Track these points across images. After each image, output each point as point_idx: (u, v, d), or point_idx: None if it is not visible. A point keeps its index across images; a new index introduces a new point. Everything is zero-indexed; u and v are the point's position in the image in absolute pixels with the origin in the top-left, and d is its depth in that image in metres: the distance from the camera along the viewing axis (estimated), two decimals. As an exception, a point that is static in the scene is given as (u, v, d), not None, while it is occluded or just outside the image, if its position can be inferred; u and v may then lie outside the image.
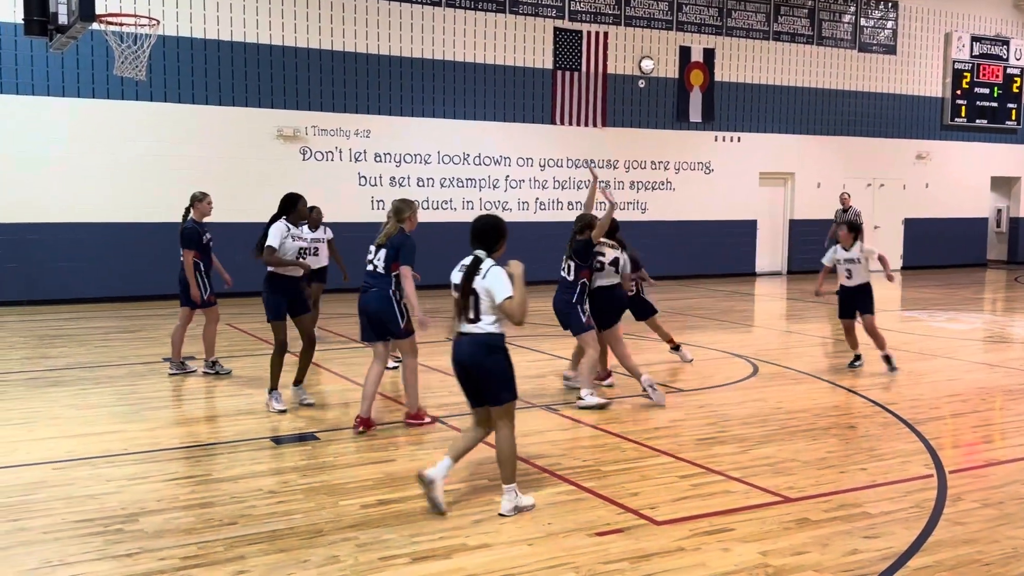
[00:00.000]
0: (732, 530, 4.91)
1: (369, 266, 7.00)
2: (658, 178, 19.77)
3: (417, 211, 7.21)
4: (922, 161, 23.16)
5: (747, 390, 8.74)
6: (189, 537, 4.78)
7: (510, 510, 5.12)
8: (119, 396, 8.16)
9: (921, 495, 5.53)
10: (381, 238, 7.00)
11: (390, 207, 7.11)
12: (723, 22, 20.26)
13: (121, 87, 14.78)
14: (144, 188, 15.09)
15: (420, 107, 17.33)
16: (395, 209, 7.02)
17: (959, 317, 14.24)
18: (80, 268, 14.87)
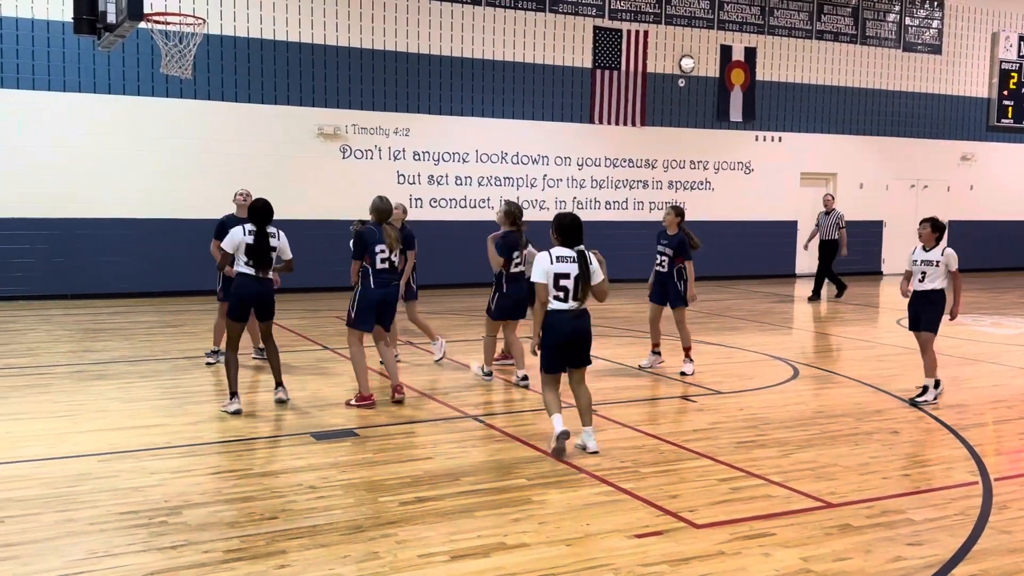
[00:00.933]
0: (773, 535, 4.87)
1: (386, 263, 7.73)
2: (697, 178, 19.64)
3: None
4: (967, 162, 22.77)
5: (787, 393, 8.65)
6: (232, 531, 4.84)
7: (596, 445, 6.40)
8: (162, 390, 8.28)
9: (965, 502, 5.44)
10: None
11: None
12: (765, 21, 20.07)
13: (166, 85, 14.99)
14: (187, 185, 15.30)
15: (459, 106, 17.38)
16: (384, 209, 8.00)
17: (1004, 321, 13.98)
18: (124, 263, 15.11)
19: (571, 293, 6.24)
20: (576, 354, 6.37)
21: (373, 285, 7.67)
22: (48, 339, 11.08)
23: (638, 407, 7.88)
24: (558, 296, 6.25)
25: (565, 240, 6.38)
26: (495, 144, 17.72)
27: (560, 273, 6.24)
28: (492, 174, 17.77)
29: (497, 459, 6.23)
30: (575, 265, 6.25)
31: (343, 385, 8.51)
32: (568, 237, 6.38)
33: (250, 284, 7.56)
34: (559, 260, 6.28)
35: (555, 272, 6.24)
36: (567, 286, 6.25)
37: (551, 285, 6.24)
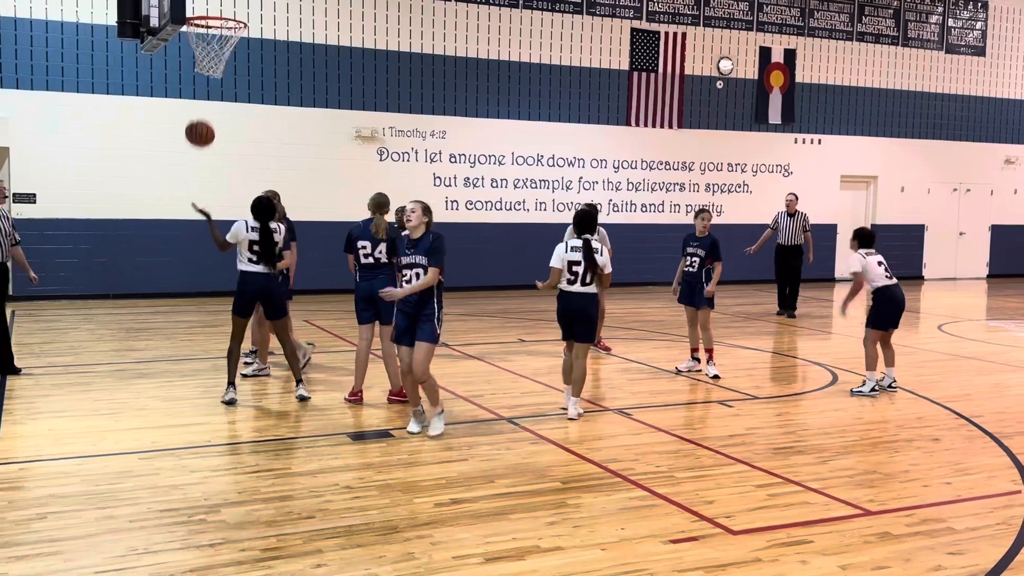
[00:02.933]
0: (811, 542, 4.81)
1: (368, 259, 7.84)
2: (735, 180, 19.49)
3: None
4: (1011, 166, 22.35)
5: (826, 399, 8.55)
6: (269, 529, 4.89)
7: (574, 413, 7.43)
8: (203, 389, 8.39)
9: (1008, 512, 5.35)
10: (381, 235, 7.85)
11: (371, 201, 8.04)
12: (805, 22, 19.87)
13: (207, 88, 15.19)
14: (226, 187, 15.47)
15: (495, 108, 17.41)
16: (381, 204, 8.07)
17: (1050, 328, 13.71)
18: (165, 263, 15.32)
19: (580, 277, 7.40)
20: (578, 329, 7.47)
21: (359, 280, 7.90)
22: (90, 338, 11.28)
23: (674, 411, 7.83)
24: (569, 279, 7.42)
25: (577, 230, 7.60)
26: (531, 146, 17.72)
27: (572, 259, 7.40)
28: (528, 176, 17.77)
29: (532, 462, 6.23)
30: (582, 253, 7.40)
31: (380, 386, 8.56)
32: (580, 226, 7.58)
33: (255, 280, 7.81)
34: (572, 249, 7.45)
35: (568, 259, 7.42)
36: (577, 271, 7.41)
37: (565, 270, 7.42)
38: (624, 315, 13.99)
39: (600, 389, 8.60)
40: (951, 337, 12.48)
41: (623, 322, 13.23)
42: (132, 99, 14.91)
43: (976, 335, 12.83)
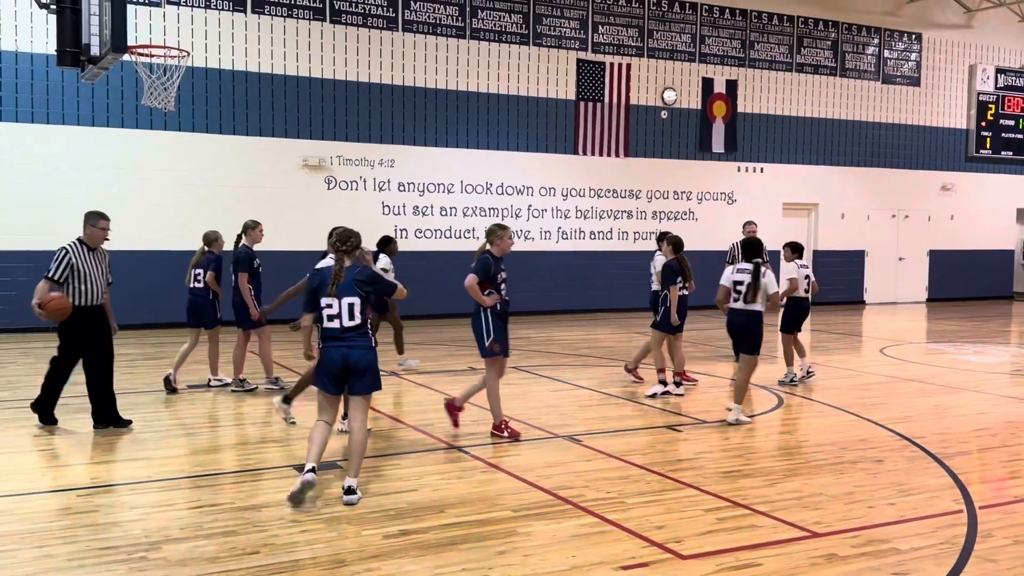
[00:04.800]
0: (759, 565, 4.84)
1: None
2: (681, 208, 19.77)
3: (508, 237, 7.77)
4: (947, 192, 23.03)
5: (772, 423, 8.66)
6: (212, 566, 4.77)
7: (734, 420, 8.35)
8: (144, 423, 8.19)
9: (951, 531, 5.44)
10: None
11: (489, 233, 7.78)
12: (746, 54, 20.33)
13: (149, 117, 15.00)
14: (170, 216, 15.26)
15: (444, 137, 17.47)
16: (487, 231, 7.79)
17: (986, 350, 14.07)
18: (107, 295, 15.00)
19: (743, 295, 8.41)
20: (743, 344, 8.59)
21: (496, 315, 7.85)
22: (29, 372, 10.96)
23: (624, 437, 7.85)
24: (735, 297, 8.47)
25: (746, 256, 8.67)
26: (480, 175, 17.80)
27: (739, 280, 8.44)
28: (477, 204, 17.82)
29: (482, 491, 6.19)
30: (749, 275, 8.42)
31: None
32: (748, 253, 8.68)
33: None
34: (739, 271, 8.54)
35: (736, 280, 8.48)
36: (741, 290, 8.42)
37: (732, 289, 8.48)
38: (574, 341, 14.03)
39: (550, 416, 8.59)
40: (893, 360, 12.74)
41: (573, 348, 13.27)
42: (73, 128, 14.66)
43: (917, 358, 13.11)
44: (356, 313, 5.92)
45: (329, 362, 5.94)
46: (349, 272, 5.95)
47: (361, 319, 5.95)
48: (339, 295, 5.89)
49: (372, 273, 6.12)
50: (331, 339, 5.94)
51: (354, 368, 5.91)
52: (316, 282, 6.01)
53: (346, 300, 5.89)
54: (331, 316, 5.92)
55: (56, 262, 7.71)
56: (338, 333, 5.91)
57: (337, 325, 5.91)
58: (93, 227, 7.94)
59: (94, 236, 7.97)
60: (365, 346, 5.98)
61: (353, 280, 5.93)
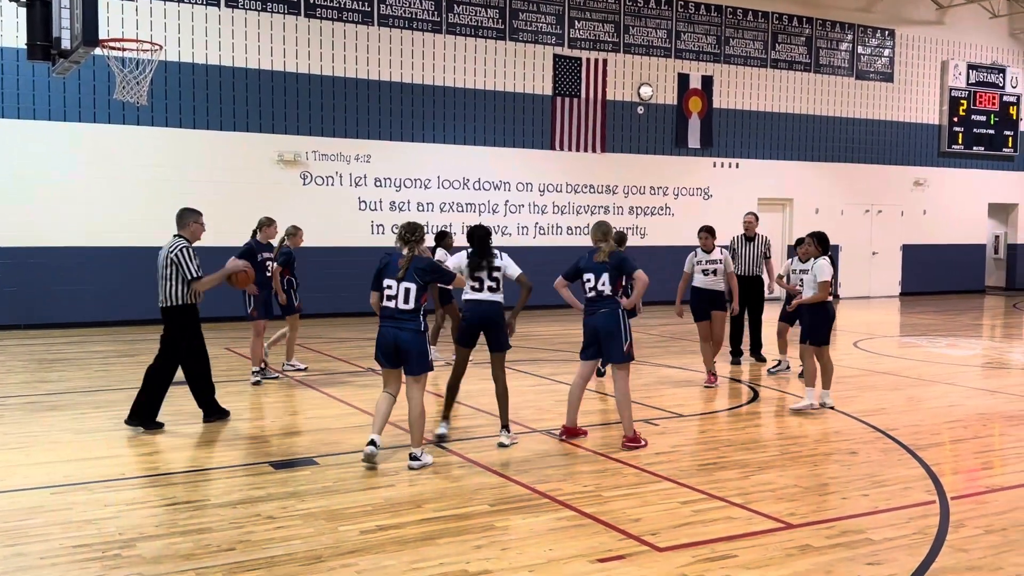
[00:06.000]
0: (734, 556, 4.88)
1: (592, 292, 7.24)
2: (657, 203, 19.84)
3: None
4: (920, 188, 23.26)
5: (748, 416, 8.72)
6: (187, 563, 4.74)
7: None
8: (117, 421, 8.10)
9: (923, 521, 5.51)
10: (601, 258, 7.21)
11: (595, 230, 7.34)
12: (721, 50, 20.42)
13: (122, 111, 14.86)
14: (145, 212, 15.12)
15: (420, 132, 17.42)
16: (605, 232, 7.31)
17: (958, 343, 14.24)
18: (80, 292, 14.87)
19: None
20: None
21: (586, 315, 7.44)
22: (0, 371, 10.84)
23: (601, 431, 7.87)
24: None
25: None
26: (457, 170, 17.77)
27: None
28: (454, 200, 17.80)
29: (459, 485, 6.19)
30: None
31: (303, 413, 8.43)
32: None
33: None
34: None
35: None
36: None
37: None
38: (552, 337, 14.05)
39: (528, 411, 8.60)
40: (867, 353, 12.86)
41: (551, 343, 13.29)
42: (43, 123, 14.49)
43: (890, 351, 13.25)
44: (411, 298, 6.53)
45: (382, 339, 6.58)
46: (414, 261, 6.58)
47: (415, 304, 6.54)
48: (400, 279, 6.50)
49: (432, 262, 6.77)
50: (386, 318, 6.57)
51: (402, 349, 6.53)
52: (383, 264, 6.63)
53: (404, 284, 6.52)
54: (389, 296, 6.56)
55: (188, 261, 7.71)
56: (392, 313, 6.55)
57: (393, 305, 6.55)
58: (196, 223, 8.03)
59: (196, 232, 8.05)
60: (415, 329, 6.55)
61: (413, 268, 6.54)
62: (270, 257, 10.21)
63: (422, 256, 6.72)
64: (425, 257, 6.78)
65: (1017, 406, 9.17)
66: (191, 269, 7.71)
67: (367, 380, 10.20)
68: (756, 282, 11.69)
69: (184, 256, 7.71)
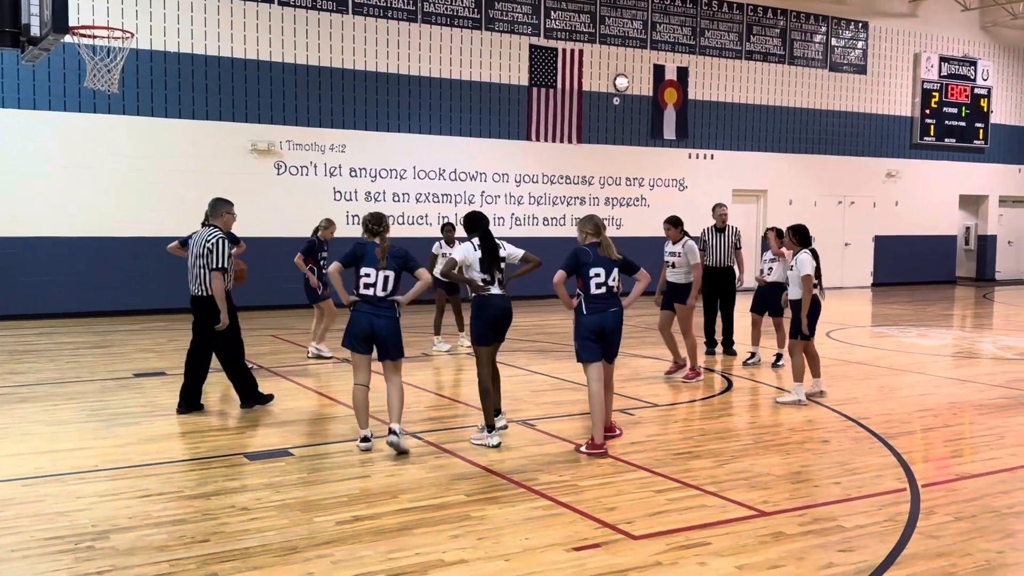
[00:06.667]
0: (708, 544, 4.92)
1: (602, 288, 6.88)
2: (633, 194, 19.89)
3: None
4: (892, 179, 23.48)
5: (722, 405, 8.78)
6: (161, 554, 4.71)
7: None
8: (90, 412, 8.05)
9: (894, 508, 5.57)
10: (613, 255, 6.93)
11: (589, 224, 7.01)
12: (696, 41, 20.48)
13: (93, 100, 14.67)
14: (116, 202, 14.97)
15: (396, 122, 17.34)
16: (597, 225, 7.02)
17: (929, 333, 14.41)
18: (51, 283, 14.68)
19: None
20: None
21: (586, 312, 6.93)
22: (-32, 361, 10.70)
23: (577, 421, 7.90)
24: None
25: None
26: (433, 161, 17.72)
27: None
28: (430, 190, 17.75)
29: (436, 476, 6.19)
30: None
31: (278, 404, 8.39)
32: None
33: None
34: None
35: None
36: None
37: None
38: (528, 327, 14.07)
39: (504, 401, 8.60)
40: (839, 343, 12.98)
41: (527, 334, 13.31)
42: (12, 112, 14.28)
43: (863, 341, 13.39)
44: (389, 285, 6.72)
45: (357, 324, 6.69)
46: (390, 250, 6.75)
47: (392, 290, 6.74)
48: (379, 268, 6.66)
49: (406, 251, 6.91)
50: (365, 304, 6.70)
51: (379, 335, 6.69)
52: (361, 251, 6.73)
53: (383, 273, 6.68)
54: (368, 284, 6.70)
55: (222, 250, 7.87)
56: (372, 300, 6.70)
57: (372, 293, 6.70)
58: (229, 214, 8.20)
59: (228, 222, 8.22)
60: (391, 316, 6.75)
61: (392, 256, 6.72)
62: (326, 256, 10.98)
63: (395, 245, 6.86)
64: (399, 246, 6.87)
65: (987, 395, 9.31)
66: (222, 259, 7.84)
67: (341, 369, 10.17)
68: (727, 273, 11.64)
69: (220, 245, 7.86)
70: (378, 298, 6.71)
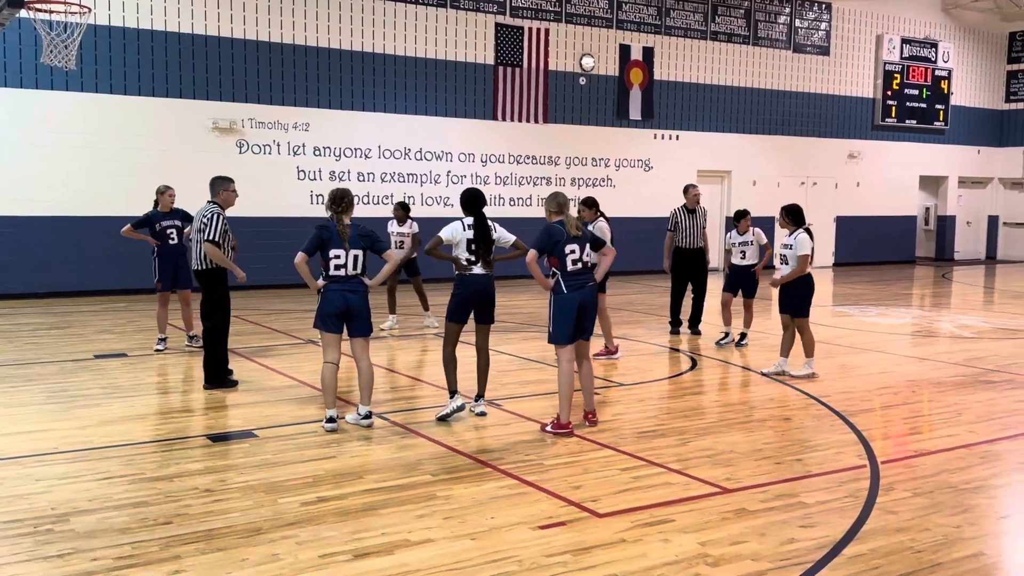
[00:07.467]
0: (672, 521, 4.96)
1: (578, 264, 6.85)
2: (599, 175, 19.91)
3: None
4: (854, 160, 23.73)
5: (686, 383, 8.85)
6: (123, 537, 4.66)
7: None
8: (49, 394, 7.92)
9: (854, 485, 5.66)
10: (574, 232, 6.86)
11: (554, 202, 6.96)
12: (662, 21, 20.48)
13: (50, 76, 14.35)
14: (73, 180, 14.69)
15: (360, 101, 17.17)
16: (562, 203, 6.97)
17: (889, 312, 14.63)
18: (8, 263, 14.40)
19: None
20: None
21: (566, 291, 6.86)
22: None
23: (543, 400, 7.92)
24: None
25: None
26: (398, 140, 17.58)
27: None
28: (395, 170, 17.63)
29: (402, 456, 6.18)
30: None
31: (241, 385, 8.31)
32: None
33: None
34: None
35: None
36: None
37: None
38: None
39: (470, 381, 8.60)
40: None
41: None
42: (-35, 87, 13.93)
43: (823, 320, 13.54)
44: (359, 263, 6.80)
45: (331, 303, 6.74)
46: (353, 228, 6.79)
47: (362, 269, 6.82)
48: (348, 247, 6.72)
49: (370, 229, 6.98)
50: (336, 283, 6.74)
51: (353, 311, 6.77)
52: (327, 235, 6.72)
53: (353, 252, 6.75)
54: (338, 265, 6.74)
55: (217, 224, 7.96)
56: (343, 279, 6.75)
57: (343, 273, 6.76)
58: (228, 191, 8.22)
59: (229, 199, 8.25)
60: (364, 292, 6.86)
61: (358, 235, 6.79)
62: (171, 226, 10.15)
63: (357, 224, 6.91)
64: (363, 225, 6.93)
65: (945, 373, 9.47)
66: (215, 231, 7.92)
67: (306, 351, 10.11)
68: (699, 254, 11.69)
69: (216, 219, 7.95)
70: (350, 276, 6.78)
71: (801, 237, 8.94)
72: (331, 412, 6.79)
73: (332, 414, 6.79)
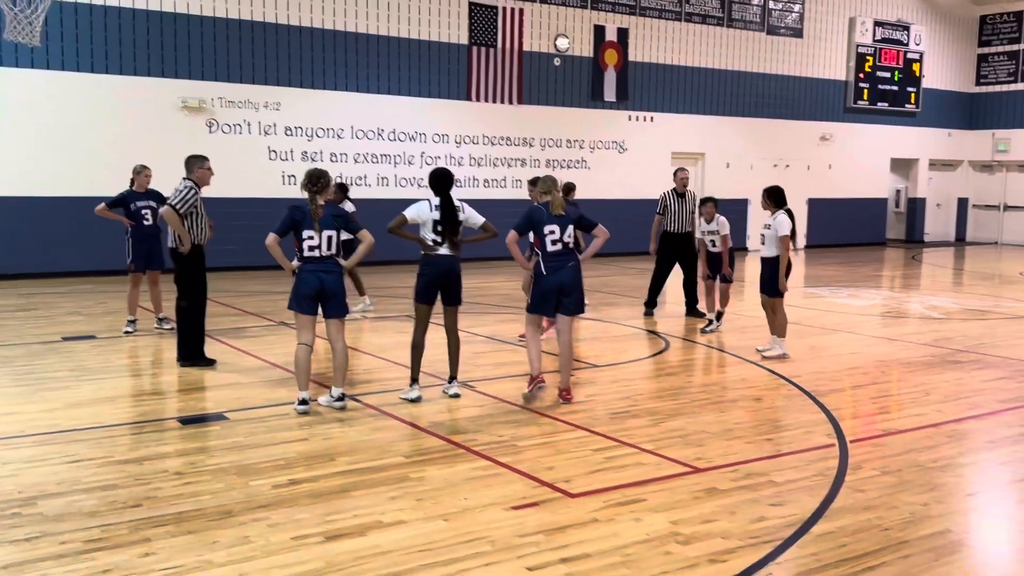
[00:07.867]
0: (644, 500, 4.99)
1: (558, 245, 7.01)
2: (573, 156, 19.89)
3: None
4: (826, 143, 23.86)
5: (659, 365, 8.89)
6: (91, 520, 4.61)
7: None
8: (15, 376, 7.81)
9: (824, 464, 5.72)
10: (558, 212, 7.01)
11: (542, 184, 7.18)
12: (636, 2, 20.42)
13: (15, 53, 14.08)
14: (39, 160, 14.45)
15: (333, 80, 17.01)
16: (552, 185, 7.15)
17: (859, 293, 14.76)
18: (-28, 244, 14.16)
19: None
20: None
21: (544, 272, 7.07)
22: None
23: (516, 382, 7.92)
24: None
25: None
26: (371, 120, 17.45)
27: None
28: (368, 151, 17.50)
29: (374, 438, 6.16)
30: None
31: (212, 367, 8.24)
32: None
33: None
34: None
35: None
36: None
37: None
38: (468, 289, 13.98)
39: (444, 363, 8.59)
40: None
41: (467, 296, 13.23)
42: (-73, 64, 13.63)
43: (795, 302, 13.63)
44: (333, 244, 6.76)
45: (306, 284, 6.70)
46: (328, 208, 6.77)
47: (336, 249, 6.80)
48: (320, 228, 6.66)
49: (343, 210, 7.10)
50: (310, 264, 6.71)
51: (328, 291, 6.74)
52: (299, 216, 6.69)
53: (326, 233, 6.71)
54: (312, 247, 6.71)
55: (184, 196, 8.05)
56: (317, 259, 6.71)
57: (317, 254, 6.72)
58: (202, 169, 8.25)
59: (204, 177, 8.28)
60: (339, 272, 6.85)
61: (331, 215, 6.76)
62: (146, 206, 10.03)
63: (331, 204, 6.92)
64: (335, 205, 7.00)
65: (914, 353, 9.58)
66: (179, 201, 7.99)
67: (278, 333, 10.04)
68: (688, 239, 11.74)
69: (184, 193, 8.03)
70: (324, 257, 6.75)
71: (780, 218, 9.03)
72: (303, 394, 6.76)
73: (304, 396, 6.76)
